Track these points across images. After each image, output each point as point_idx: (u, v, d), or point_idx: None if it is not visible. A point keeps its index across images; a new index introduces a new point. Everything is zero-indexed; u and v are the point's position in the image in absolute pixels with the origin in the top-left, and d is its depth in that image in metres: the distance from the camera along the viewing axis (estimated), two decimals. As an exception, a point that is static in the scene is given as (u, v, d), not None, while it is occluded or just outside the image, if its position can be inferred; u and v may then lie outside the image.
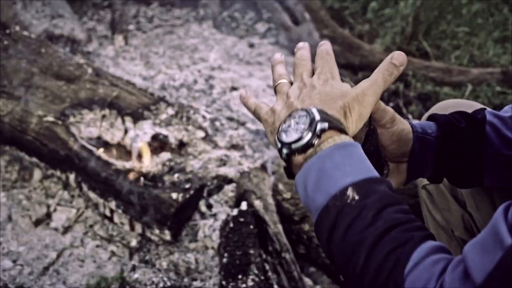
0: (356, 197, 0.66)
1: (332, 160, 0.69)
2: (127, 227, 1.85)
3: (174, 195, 1.77)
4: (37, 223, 1.88)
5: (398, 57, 0.76)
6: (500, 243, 0.57)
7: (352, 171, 0.68)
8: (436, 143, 0.90)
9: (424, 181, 1.19)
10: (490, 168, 0.92)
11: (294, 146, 0.71)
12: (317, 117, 0.70)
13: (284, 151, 0.72)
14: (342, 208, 0.66)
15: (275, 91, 0.82)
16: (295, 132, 0.71)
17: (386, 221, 0.65)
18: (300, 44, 0.84)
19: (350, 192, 0.66)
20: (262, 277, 1.54)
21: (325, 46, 0.81)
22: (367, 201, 0.66)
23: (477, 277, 0.57)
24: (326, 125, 0.70)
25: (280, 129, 0.73)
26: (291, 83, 0.81)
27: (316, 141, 0.70)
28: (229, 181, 1.95)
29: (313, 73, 0.80)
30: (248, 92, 0.86)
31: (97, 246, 1.82)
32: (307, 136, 0.70)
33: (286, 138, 0.71)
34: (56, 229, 1.86)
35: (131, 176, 1.83)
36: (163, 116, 2.07)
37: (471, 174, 0.93)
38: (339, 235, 0.66)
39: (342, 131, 0.72)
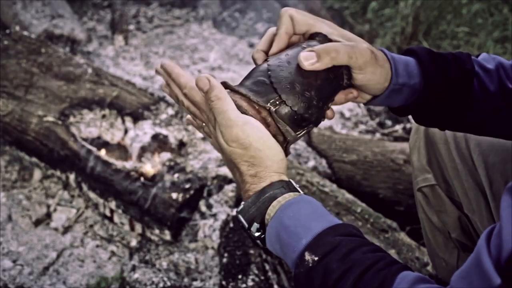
0: (316, 258, 0.65)
1: (283, 228, 0.69)
2: (127, 227, 1.85)
3: (174, 195, 1.77)
4: (37, 223, 1.88)
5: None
6: (487, 282, 0.54)
7: (303, 231, 0.68)
8: (419, 95, 0.84)
9: (420, 183, 1.19)
10: (471, 116, 0.87)
11: (258, 242, 0.75)
12: (245, 224, 0.74)
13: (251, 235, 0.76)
14: (308, 273, 0.66)
15: None
16: (248, 236, 0.76)
17: (353, 270, 0.63)
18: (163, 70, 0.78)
19: (307, 256, 0.66)
20: (262, 277, 1.54)
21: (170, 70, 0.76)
22: (327, 258, 0.65)
23: None
24: (256, 225, 0.73)
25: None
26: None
27: (263, 236, 0.73)
28: (229, 181, 1.94)
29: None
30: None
31: (97, 246, 1.82)
32: (259, 243, 0.74)
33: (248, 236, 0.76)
34: (56, 229, 1.86)
35: (131, 176, 1.83)
36: (163, 116, 2.07)
37: (451, 120, 0.88)
38: None
39: (273, 198, 0.72)
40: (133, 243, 1.81)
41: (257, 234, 0.72)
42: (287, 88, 0.74)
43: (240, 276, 1.53)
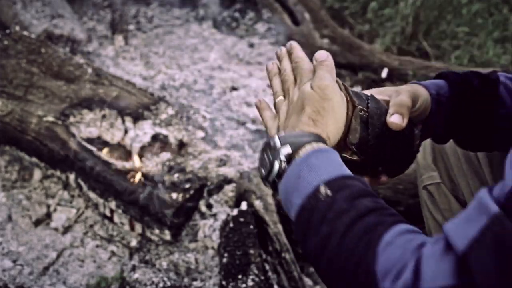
0: (329, 193, 0.67)
1: (308, 164, 0.71)
2: (127, 227, 1.85)
3: (174, 195, 1.77)
4: (37, 223, 1.88)
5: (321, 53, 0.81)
6: (485, 211, 0.55)
7: (326, 172, 0.70)
8: (448, 103, 0.89)
9: (425, 181, 1.19)
10: (501, 130, 0.90)
11: (270, 178, 0.75)
12: (278, 144, 0.74)
13: (267, 184, 0.77)
14: (316, 205, 0.67)
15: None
16: (266, 167, 0.76)
17: (358, 209, 0.65)
18: (285, 50, 0.86)
19: (323, 189, 0.68)
20: (262, 277, 1.54)
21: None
22: (339, 195, 0.67)
23: (460, 245, 0.55)
24: (288, 148, 0.73)
25: (259, 162, 0.78)
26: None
27: (285, 166, 0.73)
28: (229, 181, 1.94)
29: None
30: (262, 102, 0.88)
31: (97, 246, 1.82)
32: (276, 166, 0.74)
33: (262, 173, 0.77)
34: (56, 229, 1.86)
35: (131, 176, 1.83)
36: (163, 116, 2.07)
37: (482, 135, 0.91)
38: (312, 231, 0.66)
39: (311, 142, 0.73)
40: (133, 243, 1.81)
41: (282, 158, 0.73)
42: (376, 127, 0.81)
43: (240, 276, 1.53)
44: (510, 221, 0.53)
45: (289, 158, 0.73)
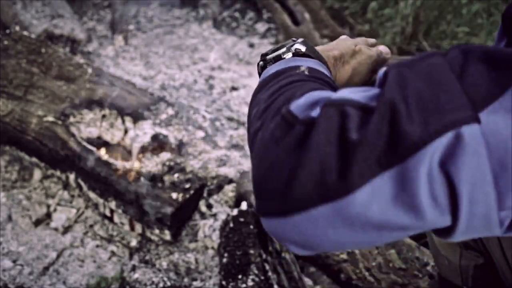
0: (306, 73, 0.66)
1: (306, 62, 0.70)
2: (127, 227, 1.85)
3: (174, 195, 1.77)
4: (37, 223, 1.88)
5: (385, 49, 0.86)
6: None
7: (315, 68, 0.68)
8: None
9: None
10: None
11: (268, 57, 0.73)
12: (299, 40, 0.73)
13: (260, 63, 0.75)
14: (286, 73, 0.66)
15: None
16: (273, 49, 0.75)
17: (305, 80, 0.63)
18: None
19: (304, 68, 0.66)
20: (262, 277, 1.54)
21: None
22: (311, 76, 0.65)
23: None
24: (303, 47, 0.72)
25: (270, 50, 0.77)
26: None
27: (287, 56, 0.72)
28: (229, 181, 1.94)
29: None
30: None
31: (97, 246, 1.82)
32: (281, 50, 0.73)
33: (266, 52, 0.75)
34: (56, 229, 1.86)
35: (131, 176, 1.83)
36: (163, 116, 2.07)
37: None
38: (266, 88, 0.65)
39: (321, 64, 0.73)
40: (133, 243, 1.81)
41: (293, 50, 0.72)
42: None
43: (240, 276, 1.53)
44: None
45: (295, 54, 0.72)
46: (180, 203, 1.77)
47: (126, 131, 2.02)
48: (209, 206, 1.90)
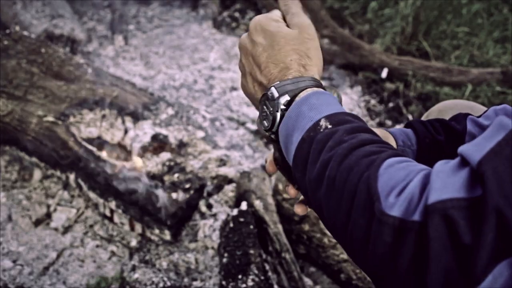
0: (329, 126, 0.66)
1: (308, 103, 0.70)
2: (127, 227, 1.85)
3: (174, 195, 1.77)
4: (37, 223, 1.88)
5: None
6: (503, 127, 0.53)
7: (327, 109, 0.69)
8: (415, 155, 0.92)
9: None
10: None
11: (274, 129, 0.74)
12: (276, 94, 0.73)
13: (270, 135, 0.76)
14: (315, 136, 0.66)
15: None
16: (268, 119, 0.74)
17: (359, 139, 0.63)
18: None
19: (323, 122, 0.67)
20: (262, 277, 1.54)
21: None
22: (339, 127, 0.66)
23: (475, 157, 0.52)
24: (287, 97, 0.72)
25: (259, 116, 0.77)
26: None
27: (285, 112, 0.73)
28: (229, 181, 1.95)
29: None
30: None
31: (97, 246, 1.82)
32: (278, 117, 0.73)
33: (266, 126, 0.75)
34: (56, 229, 1.86)
35: (131, 175, 1.83)
36: (163, 116, 2.07)
37: None
38: (313, 160, 0.65)
39: (309, 86, 0.73)
40: (133, 243, 1.81)
41: (282, 107, 0.72)
42: None
43: (240, 276, 1.53)
44: None
45: (289, 105, 0.72)
46: (180, 203, 1.77)
47: (126, 131, 2.02)
48: (209, 206, 1.90)
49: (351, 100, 2.71)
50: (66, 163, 1.93)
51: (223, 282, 1.53)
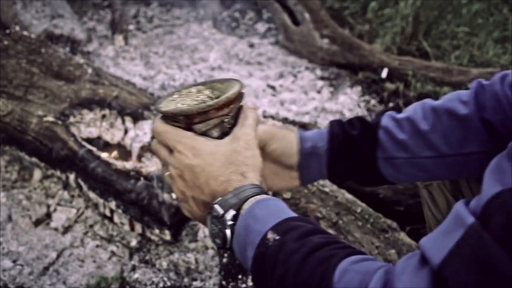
0: (277, 237, 0.67)
1: (253, 216, 0.71)
2: (127, 227, 1.85)
3: (174, 195, 1.77)
4: (37, 223, 1.88)
5: None
6: (461, 223, 0.54)
7: (271, 218, 0.70)
8: (326, 155, 0.93)
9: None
10: (388, 170, 0.93)
11: (227, 246, 0.76)
12: (221, 211, 0.74)
13: (227, 252, 0.78)
14: (266, 252, 0.67)
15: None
16: (220, 237, 0.76)
17: (308, 246, 0.64)
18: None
19: (270, 235, 0.68)
20: (262, 277, 1.54)
21: None
22: (287, 236, 0.66)
23: (435, 258, 0.53)
24: (232, 211, 0.74)
25: (210, 234, 0.78)
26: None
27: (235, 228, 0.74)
28: (229, 181, 1.94)
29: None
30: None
31: (97, 246, 1.82)
32: (228, 234, 0.74)
33: (219, 243, 0.76)
34: (56, 229, 1.86)
35: (131, 176, 1.83)
36: (163, 116, 2.07)
37: (371, 176, 0.95)
38: (268, 277, 0.66)
39: (250, 195, 0.74)
40: (133, 243, 1.82)
41: (230, 222, 0.73)
42: None
43: (240, 276, 1.53)
44: (486, 233, 0.51)
45: (236, 218, 0.73)
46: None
47: (126, 131, 2.02)
48: (209, 206, 1.90)
49: (351, 100, 2.71)
50: (66, 163, 1.93)
51: (223, 282, 1.53)
